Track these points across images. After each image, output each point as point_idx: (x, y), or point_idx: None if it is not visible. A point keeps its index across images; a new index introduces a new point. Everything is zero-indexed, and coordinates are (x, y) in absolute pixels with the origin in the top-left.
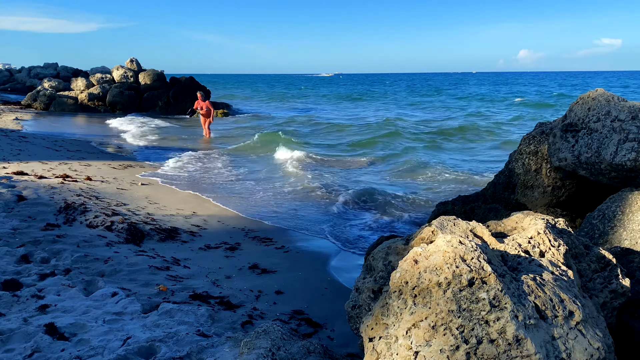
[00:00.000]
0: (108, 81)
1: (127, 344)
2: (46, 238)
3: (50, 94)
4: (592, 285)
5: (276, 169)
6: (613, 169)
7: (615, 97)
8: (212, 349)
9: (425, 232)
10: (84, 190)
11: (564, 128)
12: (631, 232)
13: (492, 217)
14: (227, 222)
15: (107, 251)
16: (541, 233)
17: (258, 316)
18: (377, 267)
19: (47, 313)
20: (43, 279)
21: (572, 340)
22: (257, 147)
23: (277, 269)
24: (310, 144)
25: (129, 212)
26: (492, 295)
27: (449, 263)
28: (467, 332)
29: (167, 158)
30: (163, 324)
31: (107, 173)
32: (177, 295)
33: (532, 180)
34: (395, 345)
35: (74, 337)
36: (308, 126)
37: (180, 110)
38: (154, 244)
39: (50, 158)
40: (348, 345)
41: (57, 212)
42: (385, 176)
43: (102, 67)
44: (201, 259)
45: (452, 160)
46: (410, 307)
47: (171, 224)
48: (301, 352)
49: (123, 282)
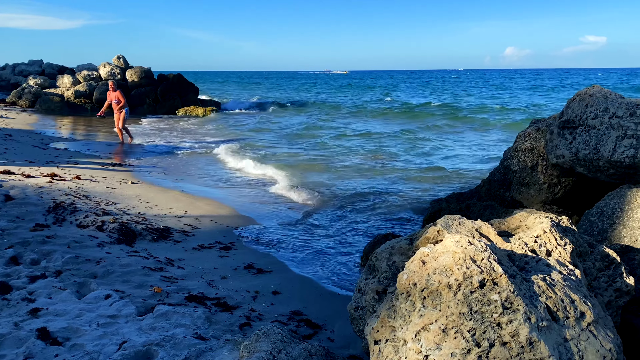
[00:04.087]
0: (95, 78)
1: (123, 348)
2: (35, 239)
3: (36, 92)
4: (597, 284)
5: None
6: (611, 166)
7: (612, 93)
8: (211, 353)
9: (431, 232)
10: (73, 190)
11: (561, 125)
12: (631, 230)
13: (488, 214)
14: (219, 221)
15: (98, 252)
16: (547, 232)
17: (256, 317)
18: (380, 267)
19: (39, 317)
20: (33, 281)
21: (584, 342)
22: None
23: (272, 268)
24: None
25: (120, 211)
26: (504, 297)
27: (459, 264)
28: (478, 335)
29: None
30: (159, 327)
31: (96, 172)
32: (172, 296)
33: (528, 177)
34: (404, 349)
35: (68, 342)
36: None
37: (169, 108)
38: (146, 244)
39: (37, 157)
40: (349, 346)
41: (46, 212)
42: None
43: (88, 64)
44: (195, 259)
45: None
46: (419, 309)
47: (163, 223)
48: (303, 354)
49: (116, 283)
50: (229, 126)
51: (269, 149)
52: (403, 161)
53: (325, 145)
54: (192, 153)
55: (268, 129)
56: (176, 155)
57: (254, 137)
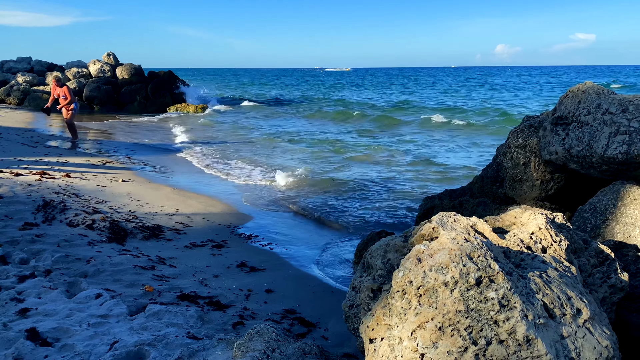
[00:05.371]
0: (84, 75)
1: (115, 348)
2: (24, 238)
3: (25, 89)
4: (592, 281)
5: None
6: (604, 162)
7: (605, 89)
8: (204, 352)
9: (426, 229)
10: (62, 188)
11: (554, 121)
12: (624, 226)
13: (481, 211)
14: (211, 219)
15: (89, 251)
16: (542, 228)
17: (249, 316)
18: (375, 265)
19: (28, 317)
20: (22, 281)
21: (580, 339)
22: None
23: (265, 266)
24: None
25: (111, 209)
26: (501, 294)
27: (456, 261)
28: (475, 333)
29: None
30: (151, 327)
31: (86, 169)
32: (164, 295)
33: (520, 173)
34: (400, 347)
35: (58, 343)
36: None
37: (159, 106)
38: (137, 242)
39: (26, 154)
40: (343, 345)
41: (35, 210)
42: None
43: (78, 62)
44: (187, 258)
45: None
46: (415, 307)
47: (154, 221)
48: (297, 353)
49: (107, 282)
50: (216, 123)
51: (260, 148)
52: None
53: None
54: (181, 152)
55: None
56: (166, 154)
57: (246, 135)
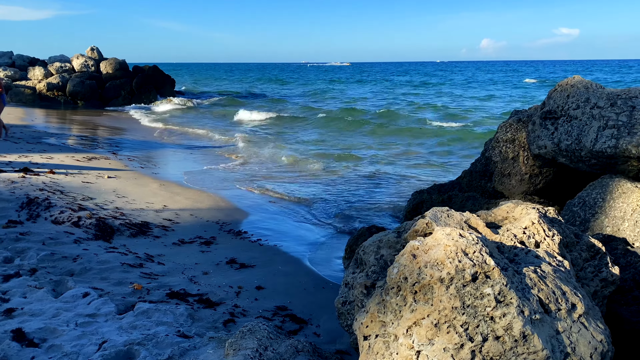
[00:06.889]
0: (68, 70)
1: (103, 348)
2: (8, 236)
3: (6, 84)
4: (584, 275)
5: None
6: (593, 156)
7: (593, 84)
8: (195, 351)
9: (420, 225)
10: (47, 185)
11: (543, 115)
12: (613, 219)
13: (470, 205)
14: (200, 216)
15: (75, 248)
16: (535, 223)
17: (240, 314)
18: (368, 261)
19: (14, 317)
20: (7, 280)
21: (575, 334)
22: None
23: (255, 263)
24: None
25: (97, 206)
26: (497, 290)
27: (451, 257)
28: (471, 329)
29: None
30: (140, 326)
31: (71, 165)
32: (153, 294)
33: (509, 168)
34: (395, 344)
35: (45, 343)
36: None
37: (144, 100)
38: (125, 239)
39: (8, 151)
40: (336, 341)
41: (19, 208)
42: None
43: (61, 56)
44: (176, 255)
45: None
46: (410, 304)
47: (142, 218)
48: (289, 351)
49: (94, 281)
50: (199, 116)
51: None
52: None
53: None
54: (172, 148)
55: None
56: (154, 149)
57: (235, 129)
